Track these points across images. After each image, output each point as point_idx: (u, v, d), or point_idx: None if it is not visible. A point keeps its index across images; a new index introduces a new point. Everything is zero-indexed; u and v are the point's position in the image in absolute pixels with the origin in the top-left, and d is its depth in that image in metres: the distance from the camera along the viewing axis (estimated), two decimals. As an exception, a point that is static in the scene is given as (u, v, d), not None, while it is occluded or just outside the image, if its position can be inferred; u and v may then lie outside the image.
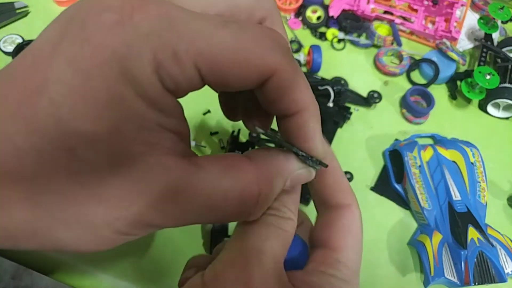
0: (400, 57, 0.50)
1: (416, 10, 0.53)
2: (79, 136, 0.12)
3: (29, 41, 0.47)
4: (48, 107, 0.11)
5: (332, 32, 0.51)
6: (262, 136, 0.17)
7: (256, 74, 0.13)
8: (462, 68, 0.50)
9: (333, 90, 0.44)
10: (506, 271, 0.36)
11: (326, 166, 0.16)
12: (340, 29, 0.51)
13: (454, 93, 0.49)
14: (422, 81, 0.49)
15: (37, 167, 0.12)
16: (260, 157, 0.15)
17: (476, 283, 0.35)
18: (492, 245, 0.37)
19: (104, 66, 0.12)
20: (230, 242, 0.16)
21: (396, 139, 0.45)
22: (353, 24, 0.51)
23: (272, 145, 0.16)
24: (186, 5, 0.13)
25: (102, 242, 0.13)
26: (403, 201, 0.42)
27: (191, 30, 0.12)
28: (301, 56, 0.48)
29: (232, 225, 0.38)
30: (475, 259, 0.35)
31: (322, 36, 0.52)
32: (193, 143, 0.42)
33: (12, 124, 0.11)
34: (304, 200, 0.40)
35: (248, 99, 0.18)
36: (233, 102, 0.19)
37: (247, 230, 0.16)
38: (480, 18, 0.50)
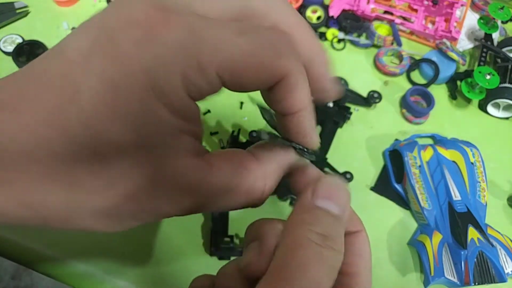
0: (400, 57, 0.50)
1: (416, 10, 0.53)
2: (107, 143, 0.13)
3: (29, 41, 0.47)
4: (79, 116, 0.13)
5: (332, 32, 0.51)
6: (263, 138, 0.18)
7: (270, 77, 0.14)
8: (462, 68, 0.50)
9: (333, 90, 0.44)
10: (506, 271, 0.36)
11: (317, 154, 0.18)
12: (340, 29, 0.51)
13: (454, 93, 0.49)
14: (422, 81, 0.49)
15: (65, 162, 0.13)
16: (264, 154, 0.17)
17: (476, 283, 0.35)
18: (492, 245, 0.37)
19: (132, 80, 0.13)
20: (274, 266, 0.15)
21: (396, 139, 0.45)
22: (353, 24, 0.51)
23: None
24: (203, 11, 0.14)
25: (121, 226, 0.16)
26: (403, 201, 0.42)
27: (213, 40, 0.13)
28: (301, 56, 0.48)
29: (232, 225, 0.38)
30: (475, 259, 0.36)
31: (322, 36, 0.52)
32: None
33: (47, 128, 0.13)
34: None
35: None
36: None
37: (300, 264, 0.14)
38: (480, 18, 0.50)
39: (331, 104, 0.44)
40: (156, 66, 0.13)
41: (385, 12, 0.53)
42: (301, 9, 0.53)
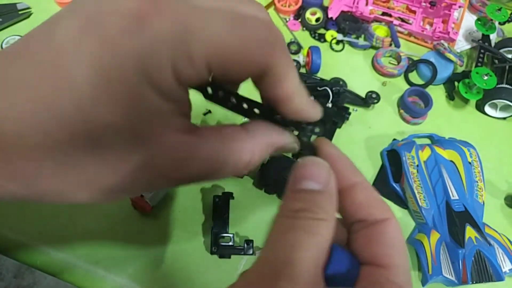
0: (398, 58, 0.50)
1: (414, 12, 0.53)
2: (101, 126, 0.13)
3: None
4: (72, 100, 0.13)
5: (331, 34, 0.52)
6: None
7: (256, 69, 0.15)
8: (460, 69, 0.50)
9: (332, 91, 0.45)
10: (503, 270, 0.36)
11: (320, 134, 0.19)
12: (339, 30, 0.52)
13: (451, 94, 0.49)
14: (420, 82, 0.50)
15: (61, 145, 0.14)
16: (255, 129, 0.17)
17: (474, 282, 0.35)
18: (490, 244, 0.37)
19: (123, 65, 0.13)
20: (260, 253, 0.15)
21: (394, 139, 0.45)
22: (351, 25, 0.51)
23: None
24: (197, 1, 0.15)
25: (114, 199, 0.16)
26: (401, 201, 0.42)
27: (202, 32, 0.14)
28: (300, 57, 0.49)
29: (232, 224, 0.38)
30: (473, 258, 0.36)
31: (321, 38, 0.52)
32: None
33: (41, 111, 0.13)
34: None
35: None
36: None
37: (276, 238, 0.15)
38: (478, 19, 0.51)
39: (330, 105, 0.45)
40: (146, 53, 0.13)
41: (384, 13, 0.53)
42: (300, 11, 0.53)
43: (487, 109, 0.48)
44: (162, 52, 0.13)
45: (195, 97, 0.17)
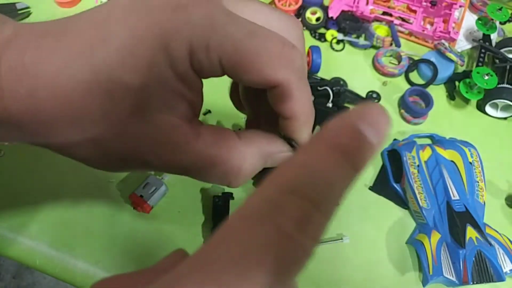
0: (399, 58, 0.50)
1: (414, 11, 0.53)
2: (119, 83, 0.15)
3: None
4: (105, 56, 0.15)
5: (331, 33, 0.52)
6: None
7: (264, 82, 0.16)
8: (461, 69, 0.50)
9: (332, 91, 0.45)
10: (504, 270, 0.36)
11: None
12: (339, 30, 0.52)
13: (452, 94, 0.49)
14: (421, 81, 0.50)
15: (83, 93, 0.15)
16: (247, 136, 0.18)
17: (475, 282, 0.35)
18: (491, 244, 0.37)
19: (152, 39, 0.15)
20: None
21: (395, 139, 0.45)
22: (352, 25, 0.51)
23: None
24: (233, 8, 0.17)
25: (108, 165, 0.18)
26: (401, 201, 0.42)
27: (226, 33, 0.15)
28: (301, 57, 0.49)
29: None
30: (474, 258, 0.36)
31: (322, 37, 0.52)
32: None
33: (77, 57, 0.15)
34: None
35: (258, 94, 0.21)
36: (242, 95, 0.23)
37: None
38: (479, 19, 0.51)
39: (330, 105, 0.45)
40: (174, 34, 0.15)
41: (384, 13, 0.53)
42: (301, 10, 0.53)
43: (488, 109, 0.48)
44: (186, 34, 0.15)
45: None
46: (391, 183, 0.42)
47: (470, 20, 0.54)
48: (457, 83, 0.49)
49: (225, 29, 0.15)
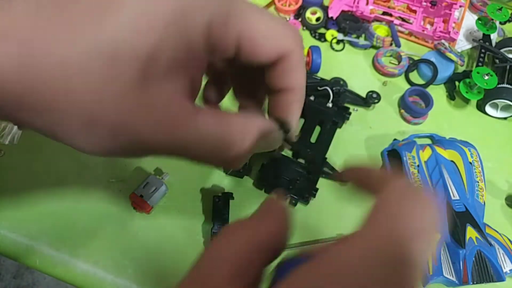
0: (399, 58, 0.50)
1: (414, 11, 0.53)
2: (127, 48, 0.14)
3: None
4: (114, 22, 0.14)
5: (331, 33, 0.52)
6: None
7: (277, 52, 0.18)
8: (461, 69, 0.50)
9: (332, 91, 0.45)
10: (504, 270, 0.36)
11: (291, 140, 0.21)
12: (339, 30, 0.52)
13: (452, 94, 0.49)
14: (421, 81, 0.50)
15: (84, 67, 0.14)
16: (247, 115, 0.19)
17: (475, 282, 0.35)
18: (491, 245, 0.37)
19: (169, 10, 0.15)
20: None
21: (395, 139, 0.45)
22: (352, 25, 0.51)
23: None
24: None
25: (102, 146, 0.16)
26: (401, 201, 0.42)
27: (242, 8, 0.17)
28: (301, 57, 0.49)
29: (232, 225, 0.38)
30: (474, 258, 0.36)
31: (321, 37, 0.52)
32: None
33: (84, 31, 0.14)
34: (304, 200, 0.40)
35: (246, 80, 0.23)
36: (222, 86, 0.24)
37: None
38: (479, 19, 0.51)
39: (330, 105, 0.45)
40: (190, 6, 0.15)
41: (384, 13, 0.53)
42: (301, 10, 0.53)
43: (488, 109, 0.48)
44: (206, 9, 0.15)
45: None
46: (391, 183, 0.42)
47: (470, 20, 0.54)
48: (457, 83, 0.49)
49: (242, 9, 0.17)
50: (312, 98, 0.45)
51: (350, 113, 0.45)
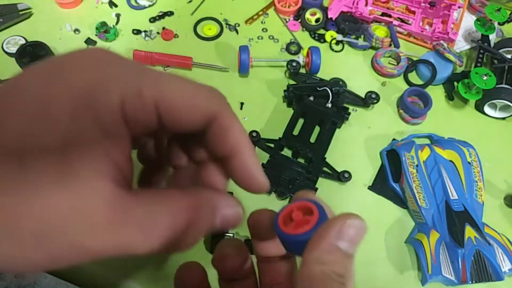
0: (398, 59, 0.50)
1: (413, 12, 0.54)
2: (33, 147, 0.13)
3: (32, 43, 0.48)
4: (14, 120, 0.13)
5: (330, 34, 0.52)
6: None
7: (202, 116, 0.16)
8: (459, 69, 0.51)
9: (332, 91, 0.45)
10: (503, 270, 0.36)
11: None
12: (339, 31, 0.52)
13: (451, 94, 0.49)
14: (420, 82, 0.50)
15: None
16: (192, 190, 0.17)
17: (473, 282, 0.35)
18: (489, 244, 0.37)
19: (73, 95, 0.14)
20: None
21: (394, 139, 0.46)
22: (351, 26, 0.51)
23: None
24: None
25: (31, 264, 0.13)
26: (400, 200, 0.42)
27: (154, 77, 0.15)
28: (300, 58, 0.49)
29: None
30: (472, 258, 0.36)
31: (321, 38, 0.52)
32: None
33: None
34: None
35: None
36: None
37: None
38: (477, 20, 0.51)
39: (329, 105, 0.45)
40: (96, 87, 0.14)
41: (383, 14, 0.53)
42: (300, 12, 0.53)
43: (487, 109, 0.48)
44: (111, 85, 0.14)
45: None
46: (390, 183, 0.42)
47: (468, 20, 0.55)
48: (455, 83, 0.49)
49: (153, 74, 0.15)
50: (311, 98, 0.45)
51: (349, 113, 0.45)
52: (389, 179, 0.43)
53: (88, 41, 0.50)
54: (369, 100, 0.47)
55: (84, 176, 0.13)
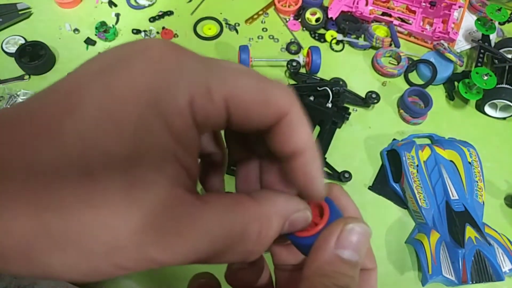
0: (398, 58, 0.50)
1: (414, 12, 0.53)
2: (99, 153, 0.12)
3: (32, 42, 0.47)
4: (75, 124, 0.12)
5: (330, 34, 0.52)
6: None
7: (274, 113, 0.15)
8: (460, 69, 0.50)
9: (332, 91, 0.45)
10: (503, 270, 0.36)
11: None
12: (339, 30, 0.52)
13: (451, 94, 0.49)
14: (420, 82, 0.50)
15: (51, 179, 0.12)
16: (262, 196, 0.16)
17: (474, 282, 0.35)
18: (490, 244, 0.37)
19: (138, 95, 0.13)
20: None
21: (394, 139, 0.45)
22: (351, 25, 0.51)
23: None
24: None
25: (96, 274, 0.12)
26: (401, 200, 0.42)
27: (222, 71, 0.14)
28: (300, 58, 0.49)
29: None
30: (473, 258, 0.36)
31: (321, 38, 0.52)
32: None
33: (39, 139, 0.12)
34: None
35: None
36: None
37: None
38: (478, 20, 0.51)
39: (329, 105, 0.45)
40: (163, 86, 0.13)
41: (383, 13, 0.53)
42: (300, 11, 0.53)
43: (487, 109, 0.48)
44: (179, 84, 0.13)
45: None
46: (391, 183, 0.42)
47: (469, 20, 0.55)
48: (456, 83, 0.49)
49: (221, 69, 0.14)
50: (311, 98, 0.45)
51: (349, 113, 0.45)
52: (390, 179, 0.43)
53: (88, 40, 0.50)
54: (369, 100, 0.46)
55: (156, 188, 0.12)
